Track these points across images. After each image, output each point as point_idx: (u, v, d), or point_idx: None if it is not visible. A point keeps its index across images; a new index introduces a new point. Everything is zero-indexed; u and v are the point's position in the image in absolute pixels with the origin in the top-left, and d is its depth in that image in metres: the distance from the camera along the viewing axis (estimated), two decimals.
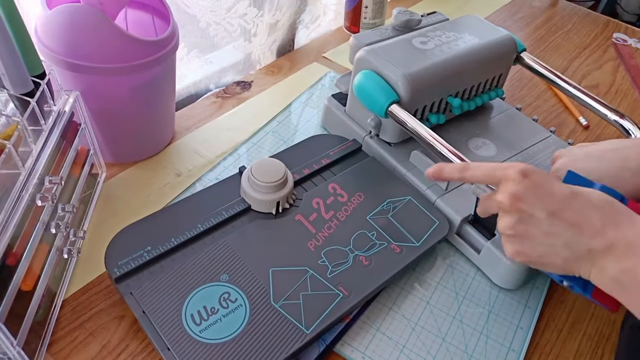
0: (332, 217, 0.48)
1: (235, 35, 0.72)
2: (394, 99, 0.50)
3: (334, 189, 0.51)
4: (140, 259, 0.42)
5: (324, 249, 0.45)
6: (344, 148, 0.55)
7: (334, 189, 0.50)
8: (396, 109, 0.49)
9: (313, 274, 0.43)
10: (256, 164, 0.48)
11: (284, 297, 0.41)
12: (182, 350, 0.37)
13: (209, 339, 0.38)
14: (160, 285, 0.41)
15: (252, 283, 0.42)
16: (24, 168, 0.37)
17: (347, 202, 0.50)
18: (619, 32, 0.91)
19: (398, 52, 0.52)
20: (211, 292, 0.41)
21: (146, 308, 0.40)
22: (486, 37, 0.56)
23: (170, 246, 0.44)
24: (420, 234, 0.47)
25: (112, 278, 0.41)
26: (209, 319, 0.39)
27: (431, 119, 0.54)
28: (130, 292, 0.41)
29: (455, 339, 0.44)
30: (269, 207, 0.47)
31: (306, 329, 0.40)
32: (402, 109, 0.49)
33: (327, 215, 0.48)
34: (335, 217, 0.48)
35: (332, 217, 0.48)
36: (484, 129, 0.59)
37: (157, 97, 0.53)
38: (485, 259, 0.48)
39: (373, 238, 0.47)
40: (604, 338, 0.46)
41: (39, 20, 0.47)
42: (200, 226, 0.45)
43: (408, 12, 0.58)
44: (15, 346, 0.35)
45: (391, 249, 0.46)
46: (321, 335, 0.41)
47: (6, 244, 0.34)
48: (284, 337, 0.39)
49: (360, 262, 0.45)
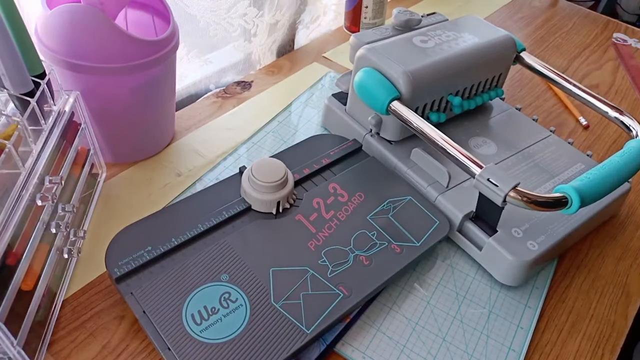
0: (332, 217, 0.48)
1: (235, 35, 0.72)
2: (395, 95, 0.50)
3: (334, 188, 0.51)
4: (140, 259, 0.42)
5: (324, 249, 0.45)
6: (344, 148, 0.55)
7: (335, 189, 0.50)
8: (397, 105, 0.50)
9: (313, 273, 0.43)
10: (256, 164, 0.48)
11: (285, 297, 0.41)
12: (183, 350, 0.37)
13: (210, 338, 0.38)
14: (161, 285, 0.41)
15: (252, 283, 0.42)
16: (24, 168, 0.37)
17: (348, 202, 0.50)
18: (619, 32, 0.91)
19: (399, 50, 0.53)
20: (211, 292, 0.41)
21: (146, 308, 0.40)
22: (486, 37, 0.56)
23: (170, 246, 0.44)
24: (421, 233, 0.47)
25: (113, 278, 0.41)
26: (209, 319, 0.39)
27: (432, 117, 0.54)
28: (130, 292, 0.41)
29: (455, 339, 0.44)
30: (269, 207, 0.47)
31: (307, 328, 0.40)
32: (404, 106, 0.49)
33: (328, 215, 0.48)
34: (336, 217, 0.48)
35: (333, 217, 0.48)
36: (484, 128, 0.59)
37: (157, 97, 0.53)
38: (487, 256, 0.48)
39: (373, 238, 0.47)
40: (604, 338, 0.46)
41: (39, 20, 0.47)
42: (200, 226, 0.45)
43: (408, 12, 0.58)
44: (15, 346, 0.35)
45: (392, 248, 0.46)
46: (322, 335, 0.41)
47: (6, 244, 0.34)
48: (285, 337, 0.39)
49: (360, 262, 0.45)
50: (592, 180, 0.42)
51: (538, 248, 0.46)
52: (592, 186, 0.41)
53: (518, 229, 0.48)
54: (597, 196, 0.42)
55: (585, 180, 0.42)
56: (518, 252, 0.46)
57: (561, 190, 0.41)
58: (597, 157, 0.63)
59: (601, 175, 0.42)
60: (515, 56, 0.59)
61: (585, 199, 0.40)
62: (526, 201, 0.41)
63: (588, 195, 0.41)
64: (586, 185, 0.41)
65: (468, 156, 0.45)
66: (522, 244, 0.46)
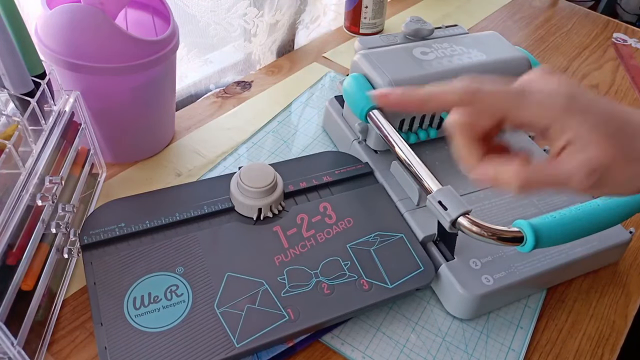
0: (310, 237, 0.46)
1: (235, 35, 0.72)
2: (375, 104, 0.48)
3: (325, 208, 0.49)
4: (110, 233, 0.43)
5: (288, 267, 0.43)
6: (352, 169, 0.53)
7: (325, 209, 0.49)
8: (376, 114, 0.48)
9: (267, 288, 0.42)
10: (247, 167, 0.47)
11: (228, 305, 0.40)
12: (113, 329, 0.38)
13: (141, 325, 0.39)
14: (120, 262, 0.42)
15: (203, 282, 0.42)
16: (24, 168, 0.37)
17: (334, 224, 0.47)
18: (619, 32, 0.91)
19: (392, 59, 0.51)
20: (161, 280, 0.41)
21: (97, 280, 0.41)
22: (495, 55, 0.54)
23: (142, 227, 0.44)
24: (398, 276, 0.44)
25: (80, 245, 0.42)
26: (148, 307, 0.40)
27: (420, 133, 0.53)
28: (90, 261, 0.42)
29: (455, 339, 0.44)
30: (250, 212, 0.47)
31: (237, 342, 0.38)
32: (382, 116, 0.48)
33: (307, 234, 0.46)
34: (315, 237, 0.46)
35: (311, 237, 0.46)
36: None
37: (158, 97, 0.53)
38: (439, 283, 0.45)
39: (345, 268, 0.44)
40: (604, 338, 0.46)
41: (39, 20, 0.47)
42: (178, 215, 0.46)
43: (420, 22, 0.56)
44: (15, 346, 0.35)
45: (360, 283, 0.43)
46: (256, 352, 0.40)
47: (6, 244, 0.34)
48: (212, 345, 0.38)
49: (321, 289, 0.42)
50: (555, 221, 0.37)
51: (493, 284, 0.43)
52: (553, 227, 0.37)
53: (478, 260, 0.45)
54: (557, 240, 0.37)
55: (548, 220, 0.37)
56: (469, 284, 0.43)
57: (518, 225, 0.37)
58: None
59: (568, 217, 0.38)
60: None
61: (541, 239, 0.36)
62: (476, 231, 0.37)
63: (546, 236, 0.36)
64: (546, 225, 0.37)
65: (428, 175, 0.42)
66: (476, 277, 0.43)
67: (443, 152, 0.55)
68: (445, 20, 0.89)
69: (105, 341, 0.38)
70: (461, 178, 0.51)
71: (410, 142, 0.51)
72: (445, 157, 0.55)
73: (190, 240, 0.44)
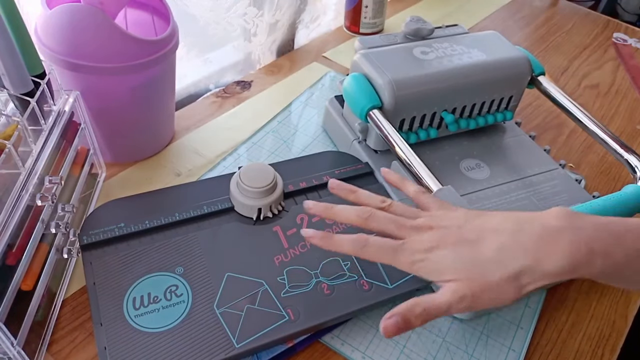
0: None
1: (235, 34, 0.72)
2: (376, 104, 0.49)
3: None
4: (110, 233, 0.43)
5: (288, 267, 0.43)
6: (352, 169, 0.53)
7: None
8: (376, 114, 0.48)
9: (267, 289, 0.42)
10: (247, 167, 0.47)
11: (228, 305, 0.40)
12: (112, 329, 0.38)
13: (140, 325, 0.39)
14: (120, 262, 0.42)
15: (203, 283, 0.42)
16: (24, 168, 0.37)
17: (333, 225, 0.47)
18: (619, 32, 0.91)
19: (393, 59, 0.51)
20: (161, 281, 0.41)
21: (97, 280, 0.41)
22: (496, 55, 0.53)
23: (142, 227, 0.44)
24: (398, 276, 0.44)
25: (80, 245, 0.42)
26: (148, 307, 0.40)
27: (420, 132, 0.53)
28: (90, 261, 0.42)
29: (455, 339, 0.44)
30: (249, 212, 0.47)
31: (236, 342, 0.39)
32: (382, 115, 0.48)
33: None
34: None
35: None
36: (484, 151, 0.56)
37: (157, 96, 0.53)
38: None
39: (345, 268, 0.44)
40: (604, 338, 0.46)
41: (39, 20, 0.47)
42: (177, 215, 0.46)
43: (420, 21, 0.56)
44: (15, 346, 0.35)
45: (360, 284, 0.43)
46: (256, 352, 0.40)
47: (6, 244, 0.34)
48: (212, 345, 0.38)
49: (321, 290, 0.42)
50: None
51: None
52: None
53: None
54: None
55: None
56: None
57: None
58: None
59: None
60: (530, 79, 0.55)
61: None
62: None
63: None
64: None
65: (428, 175, 0.43)
66: None
67: (443, 152, 0.55)
68: (446, 19, 0.88)
69: (105, 341, 0.38)
70: (461, 178, 0.52)
71: (410, 142, 0.51)
72: (445, 157, 0.55)
73: (190, 241, 0.44)
